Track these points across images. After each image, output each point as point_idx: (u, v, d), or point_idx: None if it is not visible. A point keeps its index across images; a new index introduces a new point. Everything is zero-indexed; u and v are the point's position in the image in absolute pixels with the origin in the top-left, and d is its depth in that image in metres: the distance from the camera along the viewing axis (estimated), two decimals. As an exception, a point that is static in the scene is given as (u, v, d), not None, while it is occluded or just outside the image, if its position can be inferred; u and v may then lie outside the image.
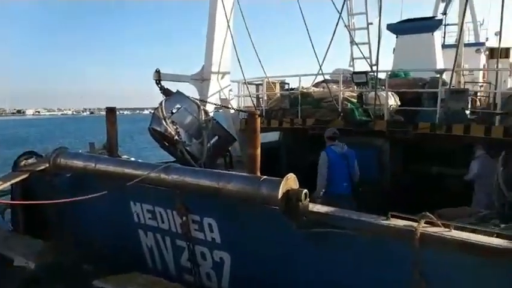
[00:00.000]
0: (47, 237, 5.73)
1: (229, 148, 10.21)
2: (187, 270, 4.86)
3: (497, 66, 11.76)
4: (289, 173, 10.39)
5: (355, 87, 9.56)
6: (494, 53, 16.26)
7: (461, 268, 3.17)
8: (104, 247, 5.13)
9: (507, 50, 16.73)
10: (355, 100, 9.31)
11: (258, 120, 3.97)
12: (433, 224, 3.45)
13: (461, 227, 3.51)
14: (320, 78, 10.95)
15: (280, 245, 3.94)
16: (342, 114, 9.18)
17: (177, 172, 4.22)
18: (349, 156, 7.11)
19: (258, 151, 3.98)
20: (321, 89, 10.34)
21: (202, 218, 4.43)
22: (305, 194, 3.50)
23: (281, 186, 3.46)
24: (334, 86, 9.93)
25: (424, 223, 3.42)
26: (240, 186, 3.72)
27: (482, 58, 16.98)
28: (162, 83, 9.88)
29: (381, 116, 8.95)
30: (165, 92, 9.79)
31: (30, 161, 6.52)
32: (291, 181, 3.56)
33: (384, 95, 8.93)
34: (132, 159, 8.35)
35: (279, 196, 3.44)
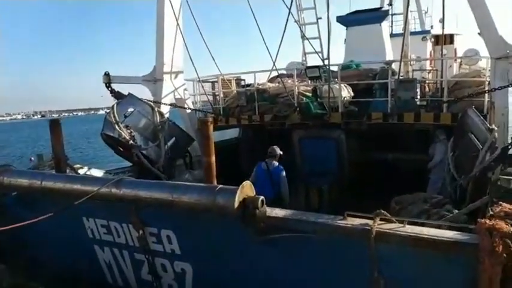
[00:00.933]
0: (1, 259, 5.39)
1: (188, 148, 10.06)
2: (148, 284, 4.73)
3: (441, 53, 12.26)
4: (250, 168, 10.38)
5: (309, 81, 9.63)
6: (439, 40, 16.96)
7: (417, 263, 3.25)
8: (59, 266, 4.88)
9: (451, 36, 17.48)
10: (310, 94, 9.39)
11: (211, 127, 3.88)
12: (388, 221, 3.52)
13: (415, 222, 3.62)
14: (275, 73, 10.97)
15: (241, 253, 3.89)
16: (298, 108, 9.24)
17: (129, 186, 4.06)
18: (272, 173, 7.24)
19: (213, 158, 3.90)
20: (277, 84, 10.36)
21: (160, 230, 4.30)
22: (262, 200, 3.47)
23: (237, 195, 3.40)
24: (289, 81, 9.98)
25: (380, 220, 3.49)
26: (196, 198, 3.63)
27: (429, 45, 17.65)
28: (114, 85, 9.60)
29: (335, 108, 9.10)
30: (117, 95, 9.47)
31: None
32: (247, 189, 3.51)
33: (337, 87, 9.09)
34: (85, 169, 8.05)
35: (236, 205, 3.39)
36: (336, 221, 3.53)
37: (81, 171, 7.83)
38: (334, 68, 9.72)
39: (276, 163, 7.36)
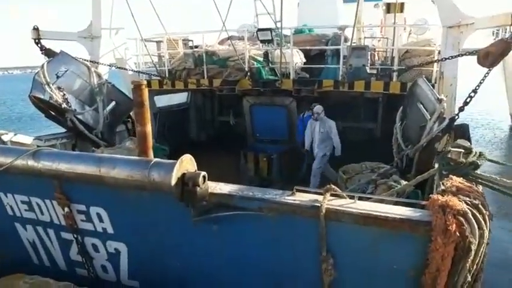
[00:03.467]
0: None
1: (131, 113, 9.38)
2: (79, 265, 4.29)
3: (394, 21, 12.21)
4: (199, 135, 9.97)
5: (261, 45, 9.18)
6: (391, 8, 16.96)
7: (368, 241, 3.08)
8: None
9: (402, 4, 17.52)
10: (261, 58, 8.97)
11: (146, 91, 3.39)
12: (338, 197, 3.30)
13: (367, 198, 3.44)
14: (225, 35, 10.38)
15: (180, 233, 3.55)
16: (248, 73, 8.82)
17: (48, 158, 3.50)
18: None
19: (148, 128, 3.42)
20: (227, 47, 9.80)
21: (89, 207, 3.83)
22: (203, 177, 3.09)
23: (175, 171, 2.99)
24: (240, 44, 9.45)
25: (330, 195, 3.26)
26: (127, 173, 3.17)
27: (380, 13, 17.64)
28: (44, 41, 8.59)
29: (287, 75, 8.78)
30: (47, 52, 8.50)
31: None
32: (186, 163, 3.11)
33: (290, 52, 8.73)
34: (10, 135, 7.21)
35: (173, 182, 2.98)
36: (284, 198, 3.25)
37: (5, 138, 7.01)
38: (287, 32, 9.32)
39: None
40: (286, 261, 3.43)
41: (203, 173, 3.15)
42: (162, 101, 11.09)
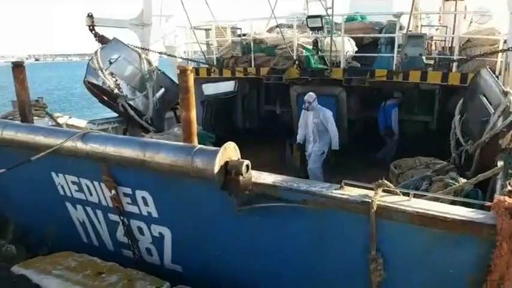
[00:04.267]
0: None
1: (179, 100, 9.49)
2: (125, 246, 4.37)
3: (456, 7, 11.43)
4: (245, 125, 9.87)
5: (310, 32, 8.91)
6: (451, -6, 15.90)
7: (422, 242, 2.85)
8: (28, 223, 4.50)
9: (463, -9, 16.40)
10: (310, 47, 8.71)
11: (191, 77, 3.33)
12: (391, 193, 3.08)
13: (421, 195, 3.19)
14: (274, 23, 10.19)
15: (223, 222, 3.49)
16: (297, 62, 8.60)
17: (96, 141, 3.55)
18: (386, 109, 8.83)
19: (193, 113, 3.37)
20: (275, 35, 9.61)
21: (135, 191, 3.87)
22: (246, 165, 2.99)
23: (217, 158, 2.91)
24: (289, 32, 9.24)
25: (382, 191, 3.05)
26: (171, 158, 3.14)
27: (438, 0, 16.60)
28: (98, 29, 8.85)
29: (337, 64, 8.47)
30: (101, 39, 8.75)
31: None
32: (229, 151, 3.02)
33: (340, 40, 8.41)
34: (65, 118, 7.53)
35: (216, 169, 2.91)
36: (331, 191, 3.08)
37: (60, 120, 7.33)
38: (338, 20, 8.98)
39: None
40: (330, 257, 3.27)
41: (246, 161, 3.06)
42: (210, 89, 11.13)
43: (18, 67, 4.34)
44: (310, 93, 7.53)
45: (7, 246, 4.23)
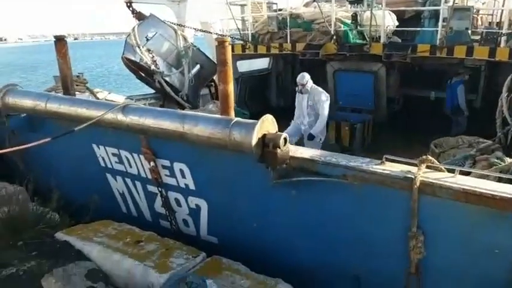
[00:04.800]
0: (13, 181, 5.27)
1: (214, 77, 9.50)
2: (163, 217, 4.48)
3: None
4: (280, 102, 9.78)
5: (349, 6, 8.60)
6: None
7: (467, 221, 2.73)
8: (70, 193, 4.68)
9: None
10: (349, 21, 8.43)
11: (229, 49, 3.29)
12: (435, 169, 2.96)
13: (467, 172, 3.05)
14: (311, -3, 9.92)
15: (259, 195, 3.48)
16: (334, 37, 8.36)
17: (135, 113, 3.61)
18: (452, 87, 8.31)
19: (231, 86, 3.34)
20: (312, 9, 9.36)
21: (173, 163, 3.92)
22: (284, 138, 2.95)
23: (255, 130, 2.88)
24: (327, 6, 8.96)
25: (425, 167, 2.93)
26: (209, 130, 3.15)
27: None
28: (135, 5, 8.93)
29: (377, 38, 8.17)
30: (138, 15, 8.84)
31: (-15, 98, 5.85)
32: (267, 123, 2.98)
33: (381, 14, 8.08)
34: (105, 93, 7.72)
35: (253, 142, 2.89)
36: (372, 166, 3.00)
37: (100, 95, 7.53)
38: (379, -8, 8.62)
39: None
40: (368, 233, 3.21)
41: (284, 134, 3.01)
42: (244, 66, 11.07)
43: (60, 41, 4.44)
44: (303, 73, 7.01)
45: (51, 213, 4.39)
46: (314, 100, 6.96)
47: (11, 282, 3.21)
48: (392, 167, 2.99)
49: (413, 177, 2.79)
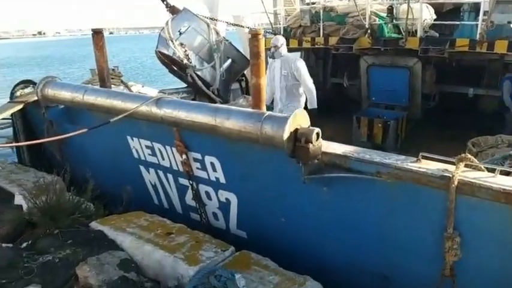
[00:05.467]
0: (51, 170, 5.47)
1: (245, 72, 9.50)
2: (193, 209, 4.54)
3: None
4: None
5: (385, -1, 8.38)
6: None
7: (507, 222, 2.61)
8: (104, 184, 4.81)
9: None
10: (384, 14, 8.20)
11: (263, 42, 3.26)
12: (474, 168, 2.84)
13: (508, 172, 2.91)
14: (346, -10, 9.72)
15: (290, 190, 3.45)
16: (368, 30, 8.15)
17: (169, 106, 3.66)
18: None
19: (263, 80, 3.32)
20: (346, 2, 9.17)
21: (204, 156, 3.95)
22: (317, 133, 2.90)
23: (287, 125, 2.86)
24: (362, -2, 8.76)
25: (464, 166, 2.82)
26: (240, 124, 3.14)
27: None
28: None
29: (413, 32, 7.91)
30: (172, 9, 8.92)
31: (26, 90, 6.10)
32: (300, 118, 2.95)
33: (418, 7, 7.81)
34: (138, 86, 7.87)
35: (285, 136, 2.86)
36: (407, 163, 2.91)
37: (134, 89, 7.67)
38: (416, -16, 8.33)
39: None
40: (400, 233, 3.13)
41: (317, 129, 2.97)
42: (276, 60, 11.00)
43: (97, 34, 4.55)
44: (278, 36, 6.27)
45: (86, 203, 4.51)
46: (289, 68, 5.96)
47: (47, 269, 3.32)
48: (428, 165, 2.89)
49: (450, 175, 2.69)
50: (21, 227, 4.08)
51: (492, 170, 2.76)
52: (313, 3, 10.04)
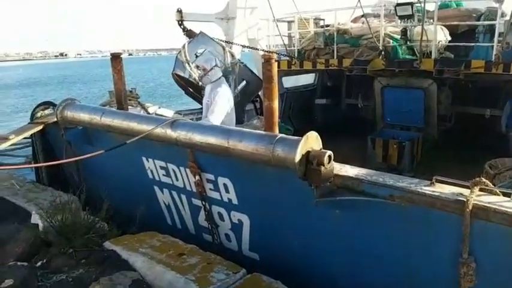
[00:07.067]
0: (68, 190, 5.57)
1: (259, 93, 9.60)
2: (206, 230, 4.54)
3: None
4: (324, 120, 9.68)
5: (399, 21, 8.43)
6: None
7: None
8: (118, 203, 4.87)
9: None
10: (398, 36, 8.24)
11: (275, 66, 3.32)
12: (489, 192, 2.79)
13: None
14: (359, 12, 9.82)
15: (302, 213, 3.44)
16: (383, 52, 8.19)
17: (183, 128, 3.72)
18: None
19: (275, 103, 3.37)
20: (360, 25, 9.26)
21: (217, 177, 3.98)
22: (329, 156, 2.91)
23: (299, 147, 2.87)
24: (375, 21, 8.83)
25: (478, 190, 2.77)
26: (252, 146, 3.18)
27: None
28: (186, 23, 9.26)
29: (427, 54, 7.91)
30: (188, 33, 9.14)
31: (46, 111, 6.27)
32: (312, 140, 2.97)
33: (432, 29, 7.83)
34: (155, 107, 8.02)
35: (297, 159, 2.88)
36: (420, 187, 2.88)
37: (150, 110, 7.83)
38: (430, 7, 8.38)
39: None
40: (414, 257, 3.07)
41: (329, 152, 2.98)
42: (289, 82, 11.11)
43: (116, 58, 4.71)
44: (209, 55, 5.39)
45: (101, 223, 4.56)
46: (211, 97, 4.99)
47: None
48: (442, 189, 2.86)
49: (465, 200, 2.65)
50: (37, 246, 4.13)
51: (508, 194, 2.71)
52: (328, 26, 10.17)
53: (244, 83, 9.19)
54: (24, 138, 6.24)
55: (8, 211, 4.94)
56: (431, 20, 7.90)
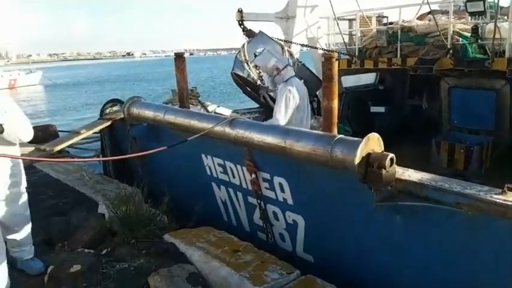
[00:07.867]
0: (132, 183, 5.87)
1: (317, 93, 9.49)
2: (260, 229, 4.57)
3: None
4: (384, 123, 9.30)
5: (469, 18, 7.91)
6: None
7: None
8: (177, 198, 5.04)
9: None
10: (468, 34, 7.74)
11: (336, 65, 3.25)
12: None
13: None
14: (425, 9, 9.36)
15: (359, 215, 3.34)
16: (451, 51, 7.74)
17: (241, 126, 3.77)
18: None
19: (335, 103, 3.30)
20: (426, 22, 8.82)
21: (273, 177, 3.99)
22: (391, 159, 2.79)
23: (359, 149, 2.79)
24: (443, 18, 8.37)
25: (558, 202, 2.53)
26: (310, 146, 3.14)
27: None
28: (246, 23, 9.39)
29: (500, 53, 7.36)
30: (248, 33, 9.26)
31: (114, 108, 6.66)
32: (373, 142, 2.87)
33: (506, 26, 7.27)
34: (214, 106, 8.21)
35: (356, 161, 2.79)
36: (491, 195, 2.68)
37: (210, 108, 8.04)
38: (505, 3, 7.80)
39: None
40: (481, 270, 2.87)
41: (391, 154, 2.86)
42: (349, 81, 10.83)
43: (179, 57, 4.88)
44: (267, 55, 5.18)
45: (161, 216, 4.75)
46: (281, 96, 4.89)
47: (122, 276, 3.54)
48: None
49: (542, 211, 2.43)
50: (103, 235, 4.39)
51: None
52: (391, 24, 9.81)
53: (302, 82, 9.14)
54: (94, 133, 6.69)
55: (78, 200, 5.31)
56: (506, 17, 7.34)
